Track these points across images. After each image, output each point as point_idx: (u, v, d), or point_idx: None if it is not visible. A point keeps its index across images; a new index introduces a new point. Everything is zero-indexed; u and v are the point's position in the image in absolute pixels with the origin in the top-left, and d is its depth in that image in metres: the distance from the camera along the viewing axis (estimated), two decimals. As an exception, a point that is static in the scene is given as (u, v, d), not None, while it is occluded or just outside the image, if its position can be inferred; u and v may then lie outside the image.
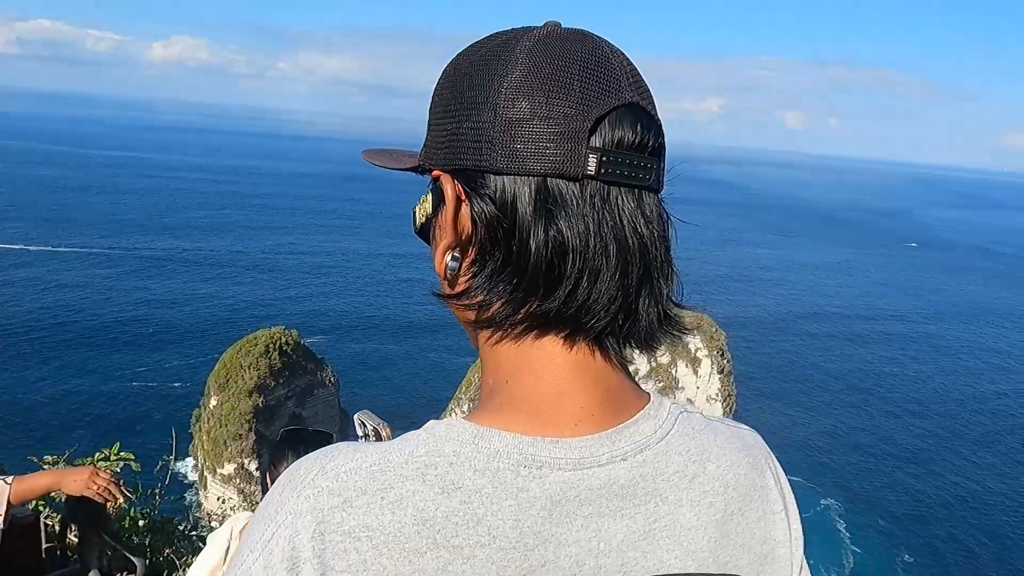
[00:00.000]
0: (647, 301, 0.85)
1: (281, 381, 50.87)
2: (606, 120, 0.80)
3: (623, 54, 0.87)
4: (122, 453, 4.61)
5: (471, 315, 0.88)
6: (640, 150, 0.82)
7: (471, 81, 0.85)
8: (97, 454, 4.48)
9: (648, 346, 0.89)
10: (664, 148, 0.87)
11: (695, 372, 56.63)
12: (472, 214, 0.84)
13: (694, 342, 56.85)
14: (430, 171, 0.89)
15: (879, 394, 73.82)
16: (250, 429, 48.25)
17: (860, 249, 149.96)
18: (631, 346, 0.89)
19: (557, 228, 0.80)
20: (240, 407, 48.47)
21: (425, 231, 0.93)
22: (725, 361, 57.21)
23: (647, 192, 0.84)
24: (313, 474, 0.77)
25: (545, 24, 0.88)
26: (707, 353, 56.82)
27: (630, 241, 0.82)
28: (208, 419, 49.34)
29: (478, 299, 0.87)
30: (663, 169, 0.87)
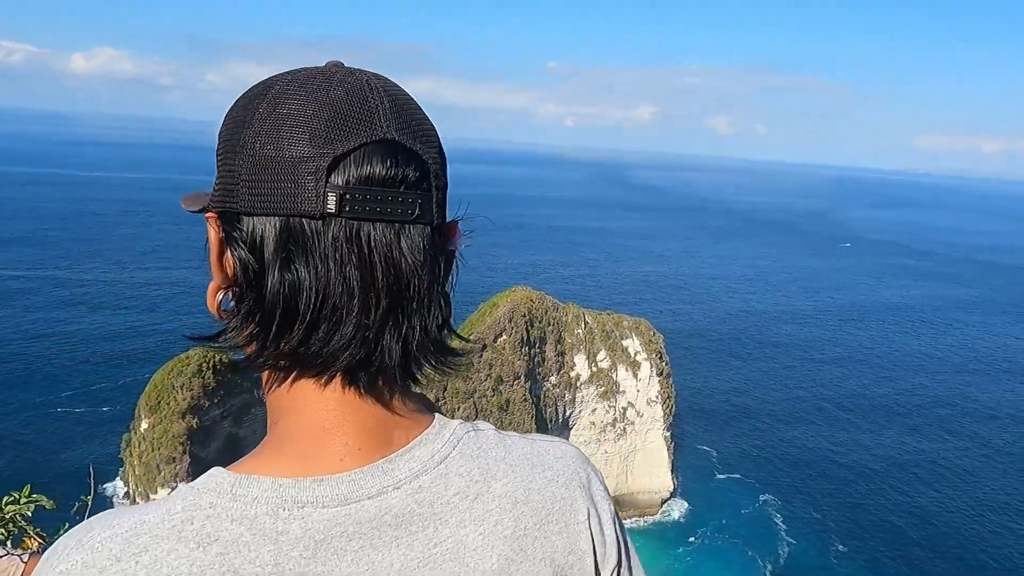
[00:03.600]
0: (392, 335, 0.86)
1: (216, 401, 49.34)
2: (350, 157, 0.82)
3: (391, 92, 0.89)
4: (34, 496, 4.29)
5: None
6: (391, 184, 0.83)
7: (234, 124, 0.88)
8: (6, 497, 4.18)
9: (403, 379, 0.90)
10: (431, 179, 0.88)
11: (635, 376, 57.41)
12: (231, 255, 0.88)
13: (633, 345, 57.68)
14: (207, 213, 0.92)
15: (814, 393, 76.17)
16: (184, 451, 46.67)
17: (800, 250, 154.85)
18: (389, 380, 0.89)
19: (293, 268, 0.83)
20: (173, 429, 46.84)
21: None
22: (664, 364, 58.15)
23: (412, 225, 0.85)
24: (69, 549, 0.77)
25: (326, 64, 0.91)
26: (646, 356, 57.68)
27: (379, 276, 0.83)
28: (139, 443, 47.52)
29: (234, 340, 0.89)
30: (437, 201, 0.89)
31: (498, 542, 0.88)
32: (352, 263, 0.82)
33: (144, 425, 47.64)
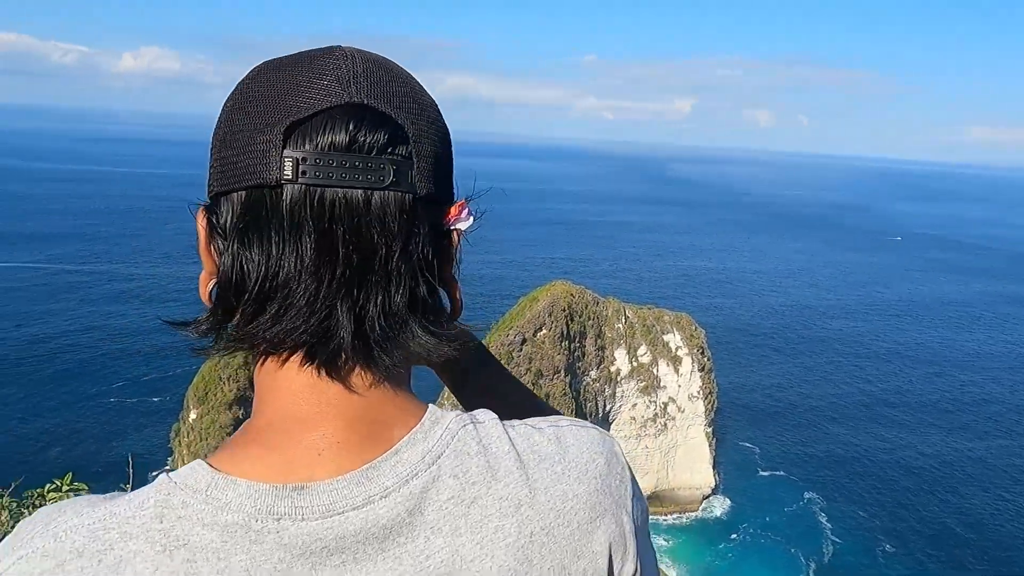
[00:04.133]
0: (343, 308, 0.79)
1: (261, 392, 50.39)
2: (311, 122, 0.77)
3: (373, 60, 0.85)
4: (75, 484, 4.44)
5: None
6: (359, 150, 0.78)
7: (221, 112, 0.86)
8: (48, 485, 4.32)
9: (365, 361, 0.81)
10: (412, 145, 0.81)
11: (676, 371, 56.95)
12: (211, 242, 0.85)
13: (674, 340, 57.23)
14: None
15: (860, 389, 74.76)
16: (231, 442, 47.84)
17: (846, 244, 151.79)
18: (356, 362, 0.81)
19: (247, 240, 0.78)
20: (220, 420, 47.94)
21: None
22: (705, 359, 57.60)
23: (388, 192, 0.79)
24: (35, 533, 0.72)
25: (328, 47, 0.86)
26: (688, 351, 57.19)
27: (339, 244, 0.77)
28: (188, 433, 48.77)
29: (204, 328, 0.84)
30: (422, 170, 0.82)
31: (499, 551, 0.78)
32: (309, 231, 0.76)
33: (192, 415, 48.86)
